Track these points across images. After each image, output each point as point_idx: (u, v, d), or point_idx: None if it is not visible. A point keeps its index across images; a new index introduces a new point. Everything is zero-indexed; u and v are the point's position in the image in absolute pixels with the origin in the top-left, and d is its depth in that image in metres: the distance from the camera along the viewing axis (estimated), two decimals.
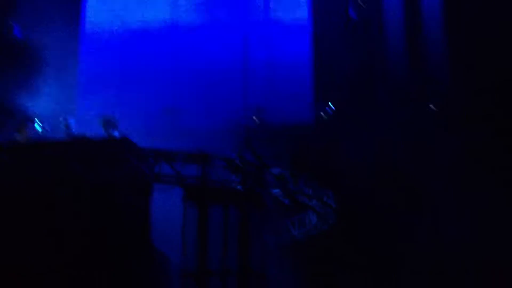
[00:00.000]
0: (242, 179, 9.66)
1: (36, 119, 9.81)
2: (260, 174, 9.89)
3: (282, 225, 11.02)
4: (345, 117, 12.80)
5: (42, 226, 8.43)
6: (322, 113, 12.91)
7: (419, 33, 13.37)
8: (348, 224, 11.32)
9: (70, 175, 8.60)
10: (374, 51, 13.39)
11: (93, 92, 11.55)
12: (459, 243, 11.83)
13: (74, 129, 9.88)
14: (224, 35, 12.65)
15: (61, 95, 11.42)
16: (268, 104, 12.60)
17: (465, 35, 12.82)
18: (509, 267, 11.43)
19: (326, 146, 12.43)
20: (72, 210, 8.46)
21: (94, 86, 11.65)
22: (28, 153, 8.88)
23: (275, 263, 9.60)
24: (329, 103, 12.96)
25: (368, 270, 11.90)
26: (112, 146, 9.14)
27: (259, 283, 8.99)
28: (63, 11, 12.22)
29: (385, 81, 13.19)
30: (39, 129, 9.72)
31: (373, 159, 12.23)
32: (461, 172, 12.15)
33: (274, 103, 12.65)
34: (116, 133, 9.55)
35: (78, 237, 8.36)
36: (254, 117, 12.65)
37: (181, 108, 11.77)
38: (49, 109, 10.82)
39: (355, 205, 11.68)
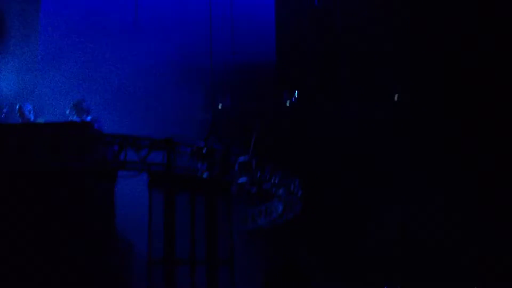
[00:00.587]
0: (208, 167, 9.55)
1: None
2: (226, 162, 9.81)
3: (248, 213, 10.99)
4: (310, 103, 12.81)
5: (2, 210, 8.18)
6: (286, 100, 12.88)
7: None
8: (314, 211, 11.40)
9: (32, 159, 8.34)
10: (339, 37, 13.36)
11: (54, 70, 11.06)
12: (422, 227, 12.16)
13: (32, 114, 9.56)
14: (191, 21, 12.40)
15: (22, 73, 10.93)
16: (234, 92, 12.49)
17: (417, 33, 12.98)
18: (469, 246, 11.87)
19: (292, 133, 12.44)
20: (34, 195, 8.22)
21: (55, 62, 11.12)
22: None
23: (242, 250, 9.53)
24: (293, 90, 12.94)
25: (335, 256, 12.06)
26: (74, 131, 8.88)
27: (227, 271, 8.95)
28: None
29: (350, 66, 13.18)
30: None
31: (338, 145, 12.34)
32: (424, 158, 12.41)
33: (240, 90, 12.55)
34: (88, 119, 9.27)
35: (40, 223, 8.15)
36: (220, 105, 12.55)
37: (146, 93, 11.48)
38: (10, 91, 10.43)
39: (321, 192, 11.77)
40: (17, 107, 9.52)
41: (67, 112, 9.43)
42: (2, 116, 9.55)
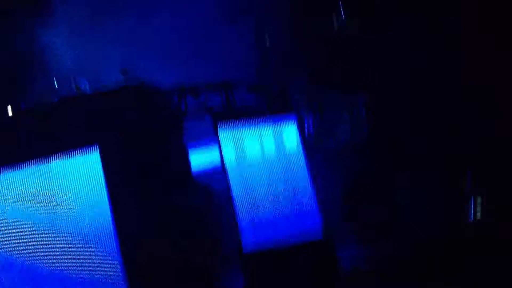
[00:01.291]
0: (268, 102, 9.59)
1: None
2: (285, 95, 9.81)
3: (314, 140, 10.92)
4: (368, 27, 12.31)
5: None
6: (340, 25, 12.47)
7: None
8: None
9: (96, 129, 8.54)
10: None
11: (101, 32, 11.02)
12: None
13: (87, 86, 9.75)
14: None
15: (73, 41, 11.03)
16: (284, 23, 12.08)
17: None
18: None
19: (352, 56, 12.07)
20: (114, 158, 8.43)
21: (102, 22, 11.04)
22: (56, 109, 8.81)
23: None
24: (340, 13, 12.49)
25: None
26: (130, 95, 9.03)
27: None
28: None
29: None
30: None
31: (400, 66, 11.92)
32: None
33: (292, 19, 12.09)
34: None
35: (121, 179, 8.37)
36: (267, 42, 12.37)
37: (194, 37, 11.32)
38: (65, 61, 10.62)
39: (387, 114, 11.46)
40: (72, 84, 9.75)
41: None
42: (63, 92, 9.79)
